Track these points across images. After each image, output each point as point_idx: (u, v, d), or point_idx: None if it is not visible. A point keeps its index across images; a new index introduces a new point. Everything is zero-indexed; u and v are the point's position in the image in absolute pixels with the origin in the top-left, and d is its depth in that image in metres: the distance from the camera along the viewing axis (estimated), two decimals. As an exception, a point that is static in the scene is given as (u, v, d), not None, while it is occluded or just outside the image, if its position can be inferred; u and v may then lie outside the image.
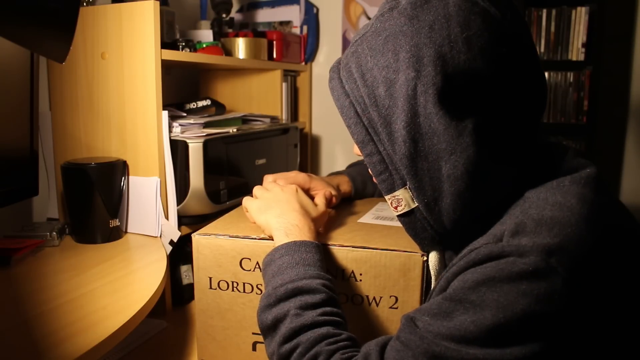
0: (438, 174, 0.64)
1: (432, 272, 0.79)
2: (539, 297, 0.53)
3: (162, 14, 1.22)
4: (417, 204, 0.68)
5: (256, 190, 0.93)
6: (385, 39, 0.65)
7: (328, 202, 0.94)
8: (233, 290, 0.88)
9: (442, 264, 0.79)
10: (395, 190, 0.68)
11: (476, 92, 0.62)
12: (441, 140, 0.62)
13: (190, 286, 1.24)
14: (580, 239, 0.56)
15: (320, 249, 0.79)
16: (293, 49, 1.97)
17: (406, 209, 0.69)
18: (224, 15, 1.77)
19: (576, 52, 1.99)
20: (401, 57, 0.63)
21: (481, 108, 0.62)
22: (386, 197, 0.70)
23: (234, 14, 2.07)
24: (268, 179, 0.99)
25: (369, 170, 0.71)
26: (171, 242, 1.18)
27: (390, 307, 0.83)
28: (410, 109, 0.63)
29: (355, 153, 0.77)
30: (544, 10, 2.04)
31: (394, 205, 0.69)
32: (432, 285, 0.79)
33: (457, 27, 0.61)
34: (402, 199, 0.68)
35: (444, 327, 0.57)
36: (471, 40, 0.61)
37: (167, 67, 1.56)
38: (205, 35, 1.62)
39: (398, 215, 0.70)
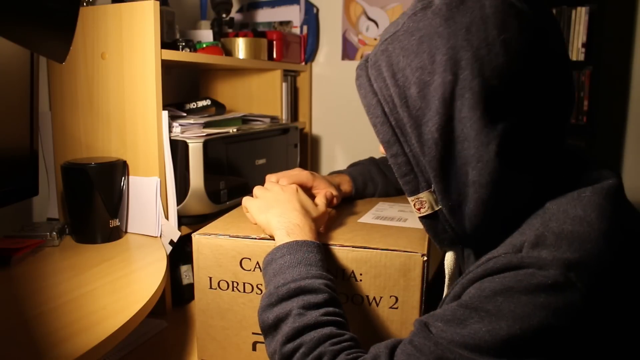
0: (464, 179, 0.63)
1: (447, 271, 0.79)
2: (556, 311, 0.53)
3: (162, 14, 1.22)
4: (440, 207, 0.66)
5: (256, 190, 0.93)
6: (419, 39, 0.63)
7: (329, 202, 0.94)
8: (233, 290, 0.88)
9: (457, 264, 0.79)
10: (419, 192, 0.67)
11: (511, 95, 0.61)
12: (471, 145, 0.61)
13: (190, 286, 1.24)
14: (599, 255, 0.56)
15: (321, 248, 0.79)
16: (293, 49, 1.97)
17: (429, 212, 0.67)
18: (224, 15, 1.77)
19: (576, 52, 1.99)
20: (437, 59, 0.62)
21: (514, 113, 0.61)
22: (409, 199, 0.69)
23: (234, 14, 2.07)
24: (271, 178, 0.98)
25: (394, 170, 0.69)
26: (171, 242, 1.18)
27: (391, 307, 0.83)
28: (445, 112, 0.61)
29: (381, 152, 0.75)
30: (544, 10, 2.03)
31: (417, 207, 0.68)
32: (446, 283, 0.79)
33: (495, 29, 0.60)
34: (426, 201, 0.67)
35: (458, 334, 0.57)
36: (509, 43, 0.60)
37: (167, 67, 1.56)
38: (205, 35, 1.62)
39: (420, 217, 0.69)
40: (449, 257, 0.77)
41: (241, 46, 1.66)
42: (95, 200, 1.12)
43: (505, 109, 0.61)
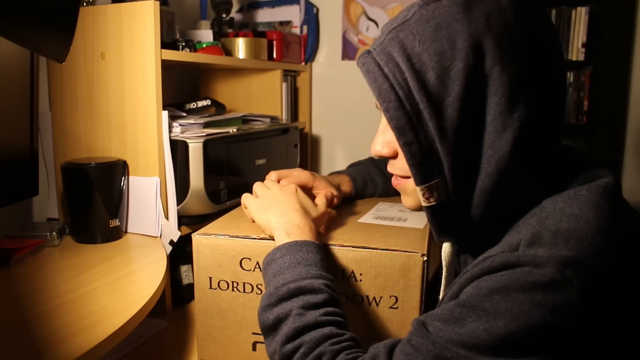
0: (476, 167, 0.63)
1: (444, 263, 0.78)
2: (553, 309, 0.53)
3: (162, 14, 1.22)
4: (447, 196, 0.65)
5: (256, 187, 0.93)
6: (435, 26, 0.62)
7: (329, 202, 0.94)
8: (233, 290, 0.88)
9: (455, 255, 0.79)
10: (430, 181, 0.65)
11: (528, 83, 0.61)
12: (486, 131, 0.62)
13: (190, 286, 1.24)
14: (596, 253, 0.56)
15: (321, 249, 0.79)
16: (293, 49, 1.97)
17: (437, 201, 0.66)
18: (224, 15, 1.77)
19: (576, 52, 1.99)
20: (458, 44, 0.61)
21: (529, 103, 0.61)
22: (418, 188, 0.66)
23: (234, 14, 2.07)
24: (271, 176, 0.98)
25: (405, 159, 0.65)
26: (171, 242, 1.18)
27: (390, 307, 0.83)
28: (466, 97, 0.61)
29: (374, 154, 0.73)
30: (544, 10, 2.03)
31: (426, 196, 0.66)
32: (443, 275, 0.79)
33: (512, 17, 0.61)
34: (435, 190, 0.65)
35: (455, 333, 0.57)
36: (526, 32, 0.61)
37: (167, 67, 1.56)
38: (205, 35, 1.62)
39: (426, 206, 0.67)
40: (446, 248, 0.77)
41: (241, 46, 1.66)
42: (95, 200, 1.12)
43: (521, 98, 0.61)
